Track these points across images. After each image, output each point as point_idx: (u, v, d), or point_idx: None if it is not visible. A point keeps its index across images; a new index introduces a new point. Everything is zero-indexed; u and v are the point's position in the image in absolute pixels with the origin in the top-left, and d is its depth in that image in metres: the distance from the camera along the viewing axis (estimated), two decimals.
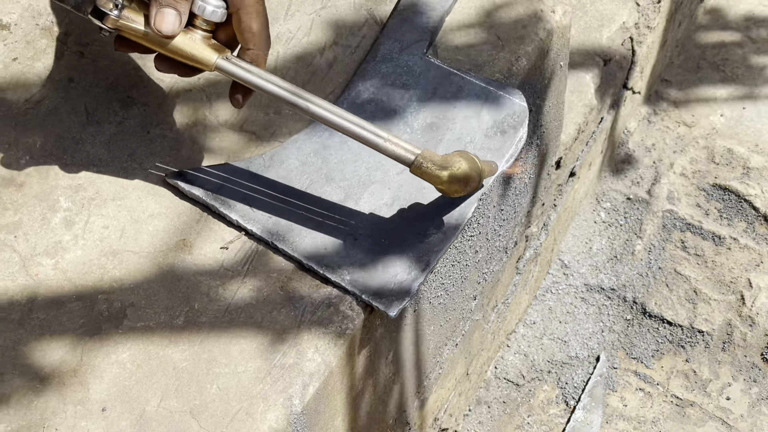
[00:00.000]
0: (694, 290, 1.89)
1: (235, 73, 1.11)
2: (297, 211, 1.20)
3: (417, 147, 1.13)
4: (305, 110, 1.11)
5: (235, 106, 1.16)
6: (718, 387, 1.79)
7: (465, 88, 1.30)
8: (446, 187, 1.14)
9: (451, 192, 1.15)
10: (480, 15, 1.39)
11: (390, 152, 1.12)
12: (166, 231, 1.18)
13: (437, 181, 1.14)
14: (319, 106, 1.11)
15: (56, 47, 1.28)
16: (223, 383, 1.08)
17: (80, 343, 1.09)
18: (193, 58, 1.10)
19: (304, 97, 1.11)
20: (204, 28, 1.10)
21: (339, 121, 1.11)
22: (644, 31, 1.92)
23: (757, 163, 2.04)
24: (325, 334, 1.12)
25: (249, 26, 1.11)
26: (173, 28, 1.08)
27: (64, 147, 1.22)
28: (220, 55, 1.11)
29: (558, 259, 1.95)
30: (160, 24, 1.07)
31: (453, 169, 1.13)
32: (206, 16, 1.09)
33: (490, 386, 1.80)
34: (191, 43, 1.10)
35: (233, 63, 1.11)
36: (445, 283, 1.35)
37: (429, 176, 1.13)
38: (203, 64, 1.11)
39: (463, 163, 1.14)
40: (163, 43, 1.09)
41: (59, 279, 1.13)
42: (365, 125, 1.12)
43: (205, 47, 1.10)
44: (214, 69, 1.11)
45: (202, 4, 1.09)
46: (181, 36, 1.09)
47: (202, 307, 1.13)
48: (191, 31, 1.10)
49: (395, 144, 1.12)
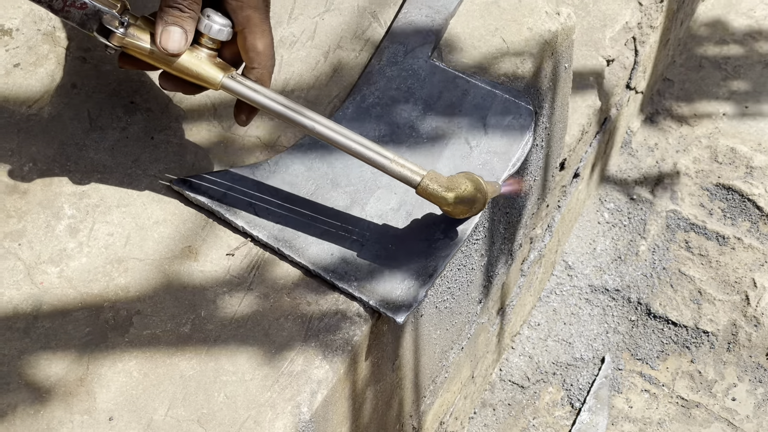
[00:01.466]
0: (699, 291, 1.88)
1: (241, 92, 1.10)
2: (303, 217, 1.19)
3: (422, 168, 1.12)
4: (311, 130, 1.11)
5: (240, 124, 1.16)
6: (723, 388, 1.78)
7: (470, 91, 1.29)
8: (452, 208, 1.14)
9: (456, 214, 1.14)
10: (484, 17, 1.38)
11: (396, 173, 1.12)
12: (171, 238, 1.17)
13: (443, 203, 1.13)
14: (325, 126, 1.11)
15: (58, 53, 1.28)
16: (231, 391, 1.07)
17: (86, 352, 1.08)
18: (199, 76, 1.10)
19: (309, 117, 1.11)
20: (210, 46, 1.10)
21: (344, 141, 1.11)
22: (647, 30, 1.92)
23: (760, 162, 2.03)
24: (333, 341, 1.11)
25: (254, 45, 1.10)
26: (179, 47, 1.07)
27: (67, 154, 1.21)
28: (225, 74, 1.10)
29: (562, 261, 1.94)
30: (166, 42, 1.07)
31: (459, 191, 1.13)
32: (212, 35, 1.09)
33: (495, 389, 1.80)
34: (197, 61, 1.09)
35: (239, 82, 1.10)
36: (451, 288, 1.34)
37: (435, 198, 1.12)
38: (209, 83, 1.10)
39: (469, 185, 1.13)
40: (169, 62, 1.09)
41: (64, 287, 1.13)
42: (371, 146, 1.11)
43: (210, 66, 1.10)
44: (220, 88, 1.10)
45: (208, 23, 1.08)
46: (186, 54, 1.09)
47: (209, 314, 1.12)
48: (197, 49, 1.09)
49: (401, 165, 1.12)
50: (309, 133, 1.11)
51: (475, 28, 1.37)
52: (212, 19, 1.08)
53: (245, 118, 1.15)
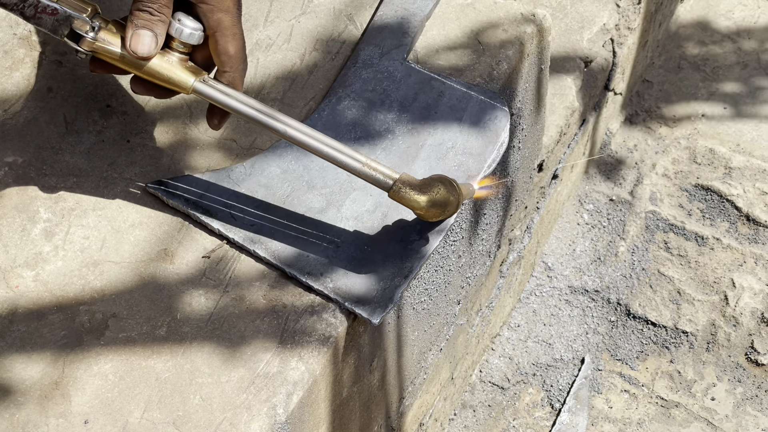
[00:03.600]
0: (678, 291, 1.89)
1: (213, 96, 1.10)
2: (279, 219, 1.19)
3: (395, 171, 1.12)
4: (282, 134, 1.11)
5: (213, 128, 1.16)
6: (702, 387, 1.79)
7: (446, 92, 1.30)
8: (424, 212, 1.13)
9: (429, 217, 1.14)
10: (460, 19, 1.38)
11: (368, 177, 1.12)
12: (147, 241, 1.17)
13: (416, 207, 1.13)
14: (297, 130, 1.11)
15: (34, 57, 1.28)
16: (207, 393, 1.07)
17: (62, 355, 1.08)
18: (170, 80, 1.09)
19: (281, 121, 1.11)
20: (181, 50, 1.10)
21: (316, 145, 1.11)
22: (625, 32, 1.92)
23: (738, 163, 2.04)
24: (309, 343, 1.12)
25: (226, 49, 1.10)
26: (149, 50, 1.07)
27: (43, 157, 1.21)
28: (197, 77, 1.10)
29: (542, 262, 1.95)
30: (135, 46, 1.07)
31: (431, 194, 1.12)
32: (183, 38, 1.09)
33: (475, 390, 1.80)
34: (168, 65, 1.09)
35: (210, 86, 1.10)
36: (428, 289, 1.35)
37: (407, 201, 1.12)
38: (180, 87, 1.10)
39: (441, 188, 1.13)
40: (140, 65, 1.09)
41: (40, 291, 1.13)
42: (343, 149, 1.11)
43: (182, 70, 1.10)
44: (191, 92, 1.10)
45: (179, 27, 1.08)
46: (157, 58, 1.09)
47: (185, 316, 1.12)
48: (168, 53, 1.09)
49: (373, 169, 1.12)
50: (281, 136, 1.11)
51: (450, 30, 1.37)
52: (183, 23, 1.08)
53: (218, 122, 1.16)
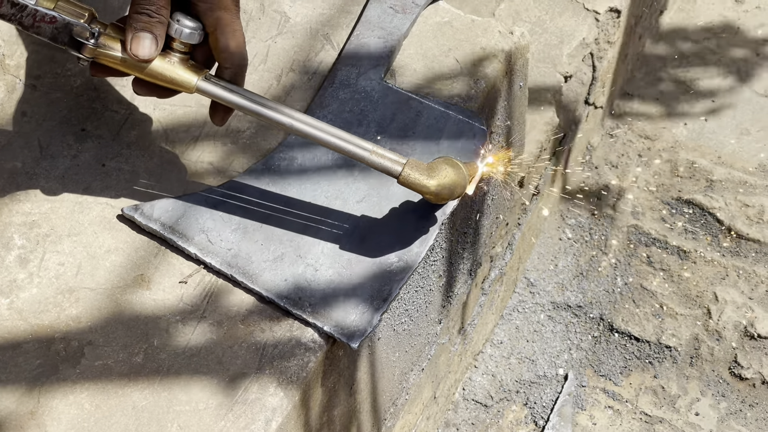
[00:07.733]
0: (661, 305, 1.88)
1: (217, 93, 1.10)
2: (256, 243, 1.18)
3: (402, 157, 1.13)
4: (289, 127, 1.10)
5: (216, 125, 1.16)
6: (686, 403, 1.78)
7: (424, 112, 1.29)
8: (434, 196, 1.14)
9: (438, 200, 1.16)
10: (438, 38, 1.38)
11: (376, 164, 1.12)
12: (123, 266, 1.16)
13: (425, 191, 1.14)
14: (303, 123, 1.10)
15: (8, 80, 1.26)
16: (184, 421, 1.06)
17: (37, 385, 1.07)
18: (173, 81, 1.09)
19: (287, 114, 1.10)
20: (181, 50, 1.09)
21: (323, 136, 1.11)
22: (604, 46, 1.92)
23: (720, 176, 2.04)
24: (288, 368, 1.10)
25: (226, 46, 1.10)
26: (150, 52, 1.07)
27: (17, 183, 1.20)
28: (199, 76, 1.10)
29: (524, 278, 1.94)
30: (136, 49, 1.06)
31: (440, 177, 1.14)
32: (184, 38, 1.08)
33: (458, 408, 1.79)
34: (170, 66, 1.09)
35: (213, 83, 1.10)
36: (409, 309, 1.34)
37: (417, 186, 1.13)
38: (183, 87, 1.09)
39: (450, 171, 1.14)
40: (141, 68, 1.08)
41: (14, 319, 1.11)
42: (350, 139, 1.11)
43: (184, 70, 1.09)
44: (195, 91, 1.10)
45: (178, 27, 1.08)
46: (159, 60, 1.08)
47: (162, 343, 1.11)
48: (169, 54, 1.09)
49: (381, 156, 1.12)
50: (287, 130, 1.11)
51: (428, 49, 1.37)
52: (182, 23, 1.08)
53: (221, 119, 1.15)
